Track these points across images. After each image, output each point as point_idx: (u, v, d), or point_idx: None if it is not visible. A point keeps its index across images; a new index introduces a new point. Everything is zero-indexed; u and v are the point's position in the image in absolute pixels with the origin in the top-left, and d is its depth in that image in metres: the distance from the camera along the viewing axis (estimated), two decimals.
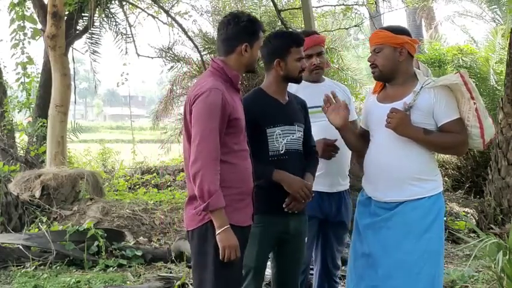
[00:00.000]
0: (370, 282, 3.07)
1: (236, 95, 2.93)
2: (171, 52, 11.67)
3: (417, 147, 3.03)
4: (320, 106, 3.40)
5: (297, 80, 3.23)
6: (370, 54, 3.16)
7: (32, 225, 6.46)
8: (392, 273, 3.00)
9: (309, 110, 3.48)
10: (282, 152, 3.11)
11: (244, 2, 11.87)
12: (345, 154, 3.60)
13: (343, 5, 12.03)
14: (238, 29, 2.88)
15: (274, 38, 3.23)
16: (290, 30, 3.53)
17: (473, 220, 7.06)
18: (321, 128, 3.49)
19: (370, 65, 3.15)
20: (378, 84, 3.25)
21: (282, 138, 3.12)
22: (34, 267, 5.41)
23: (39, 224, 6.33)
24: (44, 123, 9.40)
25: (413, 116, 3.01)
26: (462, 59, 10.75)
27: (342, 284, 4.36)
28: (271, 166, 3.07)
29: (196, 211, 2.76)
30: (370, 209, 3.15)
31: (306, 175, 3.18)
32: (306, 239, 3.41)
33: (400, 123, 2.99)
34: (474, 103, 2.96)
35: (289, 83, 3.26)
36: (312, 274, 3.85)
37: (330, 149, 3.52)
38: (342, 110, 3.24)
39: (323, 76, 3.74)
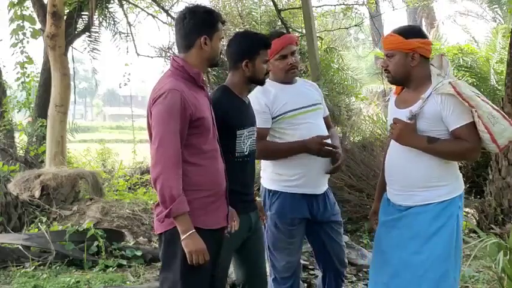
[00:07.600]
0: (382, 278, 3.12)
1: (200, 92, 2.81)
2: (171, 52, 11.65)
3: (425, 155, 2.99)
4: (303, 107, 3.48)
5: (261, 82, 3.23)
6: (384, 59, 3.13)
7: (31, 225, 6.44)
8: (399, 272, 3.04)
9: (294, 112, 3.50)
10: (246, 153, 3.12)
11: (244, 1, 11.83)
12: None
13: (343, 4, 12.02)
14: (195, 22, 2.76)
15: (242, 38, 3.22)
16: (255, 32, 3.57)
17: (474, 220, 7.03)
18: (307, 131, 3.48)
19: (384, 70, 3.13)
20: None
21: (247, 140, 3.12)
22: (34, 267, 5.39)
23: (39, 224, 6.30)
24: (43, 123, 9.38)
25: (419, 124, 2.98)
26: (463, 59, 10.73)
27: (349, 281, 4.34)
28: (236, 167, 3.06)
29: (158, 218, 2.68)
30: (388, 208, 3.18)
31: None
32: (295, 242, 3.51)
33: (402, 134, 2.99)
34: (475, 111, 2.90)
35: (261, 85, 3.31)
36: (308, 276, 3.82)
37: (329, 147, 3.49)
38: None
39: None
